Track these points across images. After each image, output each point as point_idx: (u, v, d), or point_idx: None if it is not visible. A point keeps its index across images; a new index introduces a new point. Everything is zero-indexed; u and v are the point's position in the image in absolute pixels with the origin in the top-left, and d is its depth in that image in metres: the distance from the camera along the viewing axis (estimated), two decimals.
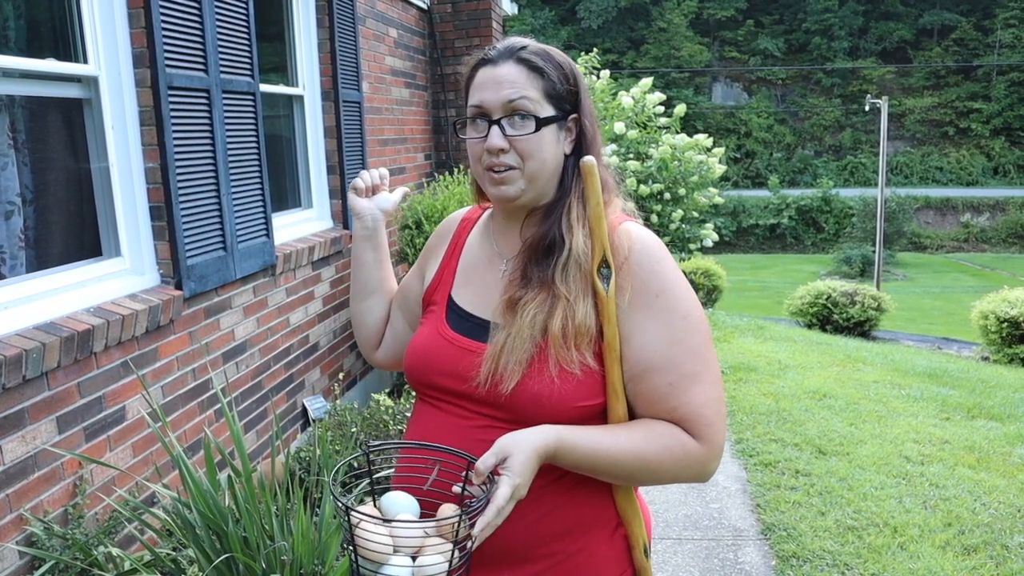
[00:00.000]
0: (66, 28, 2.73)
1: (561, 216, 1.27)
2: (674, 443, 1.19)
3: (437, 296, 1.39)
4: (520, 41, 1.30)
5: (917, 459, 4.25)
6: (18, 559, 2.21)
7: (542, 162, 1.26)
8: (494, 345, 1.22)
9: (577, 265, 1.24)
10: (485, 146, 1.25)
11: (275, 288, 3.81)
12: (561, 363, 1.19)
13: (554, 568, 1.23)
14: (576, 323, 1.20)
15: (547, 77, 1.26)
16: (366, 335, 1.59)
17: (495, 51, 1.28)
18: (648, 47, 52.41)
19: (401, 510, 1.13)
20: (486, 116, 1.26)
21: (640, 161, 7.40)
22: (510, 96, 1.24)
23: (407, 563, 1.06)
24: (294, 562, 2.21)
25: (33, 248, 2.65)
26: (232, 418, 2.51)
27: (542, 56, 1.27)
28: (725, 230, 37.49)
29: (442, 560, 1.05)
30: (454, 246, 1.44)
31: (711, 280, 11.77)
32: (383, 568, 1.05)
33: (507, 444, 1.10)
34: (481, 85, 1.27)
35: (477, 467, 1.08)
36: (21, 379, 2.20)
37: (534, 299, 1.23)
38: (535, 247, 1.27)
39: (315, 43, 4.54)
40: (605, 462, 1.18)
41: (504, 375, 1.19)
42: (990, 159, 47.24)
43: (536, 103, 1.24)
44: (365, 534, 1.05)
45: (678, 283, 1.24)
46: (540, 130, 1.24)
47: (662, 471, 1.20)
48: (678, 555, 3.32)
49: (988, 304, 9.19)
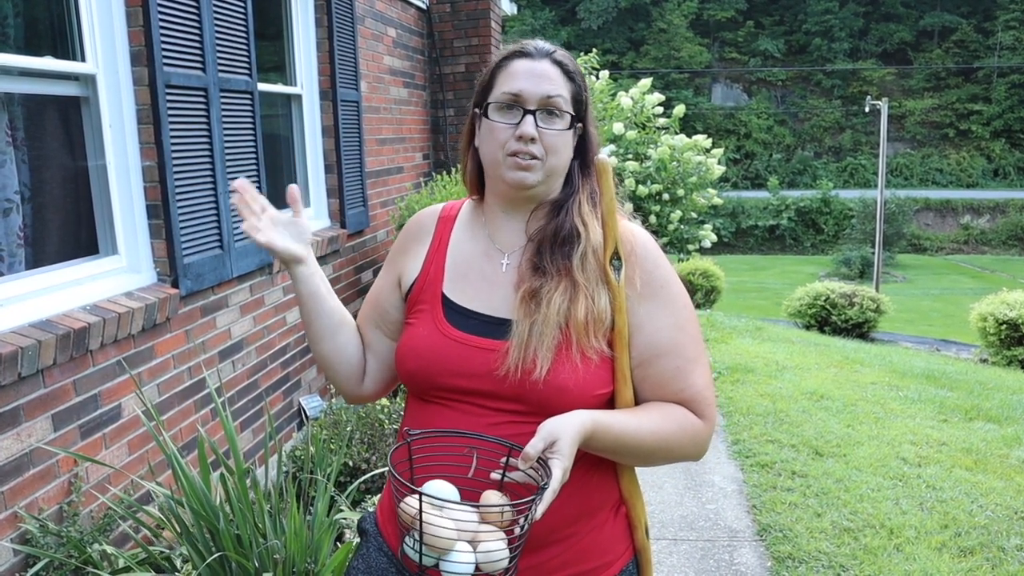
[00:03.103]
0: (64, 26, 2.73)
1: (573, 210, 1.33)
2: (686, 422, 1.29)
3: (426, 295, 1.38)
4: (549, 45, 1.37)
5: (914, 461, 4.25)
6: (12, 557, 2.21)
7: (563, 159, 1.33)
8: (519, 336, 1.24)
9: (594, 256, 1.30)
10: (518, 132, 1.28)
11: (272, 287, 3.81)
12: (583, 349, 1.24)
13: (570, 550, 1.28)
14: (597, 312, 1.26)
15: (576, 83, 1.34)
16: (347, 373, 1.47)
17: (533, 47, 1.34)
18: (648, 48, 52.44)
19: (446, 499, 1.12)
20: (521, 104, 1.29)
21: (639, 161, 7.41)
22: (550, 92, 1.29)
23: (469, 550, 1.06)
24: (287, 560, 2.21)
25: (30, 246, 2.65)
26: (226, 417, 2.52)
27: (571, 63, 1.36)
28: (724, 231, 37.54)
29: (503, 547, 1.07)
30: (438, 243, 1.42)
31: (709, 281, 11.77)
32: (449, 555, 1.06)
33: (554, 428, 1.14)
34: (518, 74, 1.31)
35: (527, 452, 1.10)
36: (16, 376, 2.20)
37: (556, 288, 1.27)
38: (550, 238, 1.32)
39: (313, 42, 4.54)
40: (632, 443, 1.24)
41: (536, 362, 1.22)
42: (990, 161, 47.28)
43: (566, 103, 1.31)
44: (430, 522, 1.04)
45: (675, 276, 1.35)
46: (570, 129, 1.32)
47: (676, 449, 1.29)
48: (673, 556, 3.32)
49: (987, 306, 9.18)
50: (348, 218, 4.72)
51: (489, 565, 1.06)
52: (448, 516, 1.06)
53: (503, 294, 1.32)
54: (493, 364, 1.25)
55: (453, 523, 1.06)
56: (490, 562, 1.06)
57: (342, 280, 4.70)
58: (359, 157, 4.92)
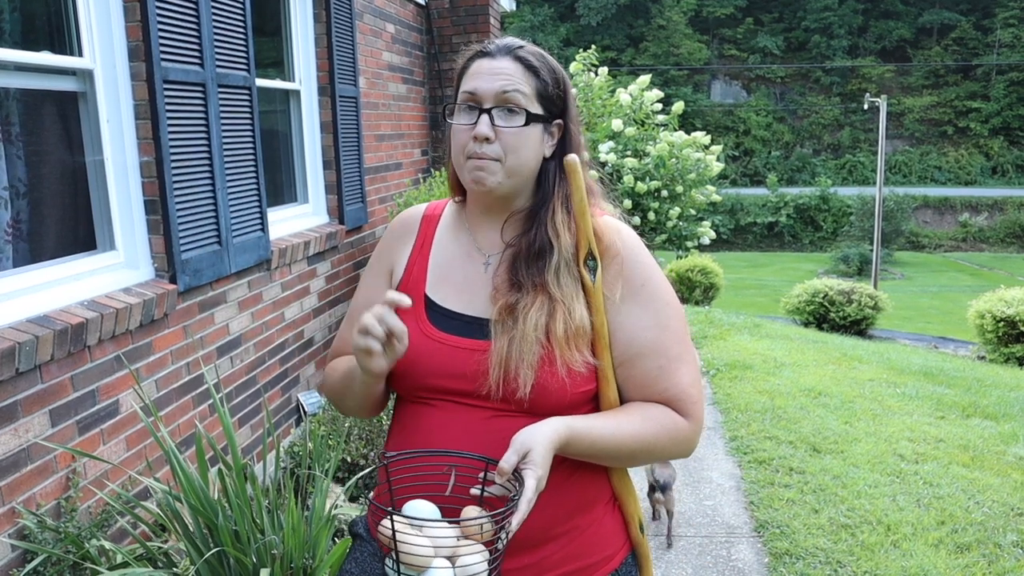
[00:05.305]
0: (61, 21, 2.73)
1: (546, 221, 1.30)
2: (668, 422, 1.27)
3: (410, 296, 1.34)
4: (518, 41, 1.33)
5: (911, 457, 4.26)
6: (10, 552, 2.21)
7: (524, 158, 1.28)
8: (498, 351, 1.22)
9: (567, 266, 1.28)
10: (473, 133, 1.26)
11: (270, 283, 3.81)
12: (568, 363, 1.23)
13: (570, 544, 1.28)
14: (576, 325, 1.24)
15: (540, 77, 1.29)
16: (374, 406, 1.40)
17: (493, 46, 1.31)
18: (647, 44, 52.40)
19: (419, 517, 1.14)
20: (477, 104, 1.27)
21: (638, 158, 7.40)
22: (504, 87, 1.26)
23: (447, 566, 1.07)
24: (284, 556, 2.21)
25: (27, 241, 2.65)
26: (224, 413, 2.51)
27: (538, 57, 1.31)
28: (723, 228, 37.50)
29: (481, 560, 1.08)
30: (421, 243, 1.41)
31: (708, 278, 11.79)
32: (427, 573, 1.07)
33: (525, 439, 1.13)
34: (476, 74, 1.29)
35: (501, 467, 1.11)
36: (14, 372, 2.19)
37: (532, 303, 1.25)
38: (524, 251, 1.29)
39: (312, 38, 4.53)
40: (611, 447, 1.23)
41: (518, 379, 1.21)
42: (989, 159, 47.30)
43: (527, 99, 1.27)
44: (406, 541, 1.06)
45: (658, 272, 1.32)
46: (528, 125, 1.27)
47: (658, 449, 1.28)
48: (671, 551, 3.33)
49: (985, 303, 9.20)
50: (346, 214, 4.71)
51: None
52: (424, 534, 1.08)
53: (485, 295, 1.31)
54: (476, 364, 1.24)
55: (429, 541, 1.07)
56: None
57: (340, 276, 4.70)
58: (357, 153, 4.91)
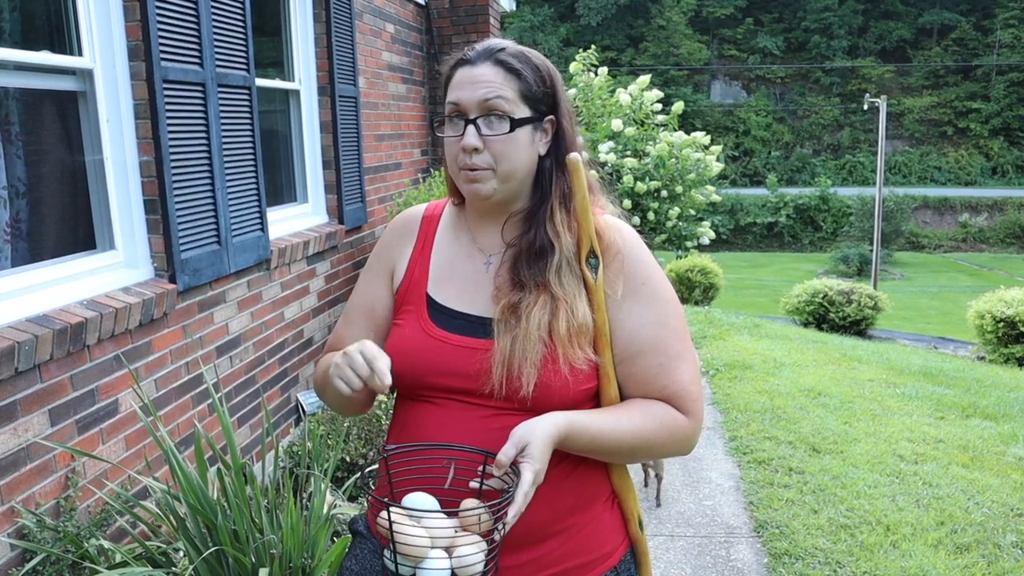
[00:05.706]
0: (61, 21, 2.73)
1: (545, 221, 1.30)
2: (668, 420, 1.28)
3: (412, 295, 1.37)
4: (499, 43, 1.32)
5: (911, 458, 4.25)
6: (9, 551, 2.21)
7: (516, 163, 1.28)
8: (501, 349, 1.23)
9: (568, 266, 1.29)
10: (460, 145, 1.27)
11: (269, 282, 3.81)
12: (571, 361, 1.24)
13: (570, 541, 1.29)
14: (578, 323, 1.25)
15: (523, 78, 1.28)
16: (354, 409, 1.44)
17: (473, 52, 1.30)
18: (647, 44, 52.39)
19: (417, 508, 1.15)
20: (462, 115, 1.28)
21: (637, 158, 7.40)
22: (486, 96, 1.26)
23: (444, 557, 1.09)
24: (283, 555, 2.21)
25: (27, 241, 2.65)
26: (224, 412, 2.51)
27: (519, 58, 1.30)
28: (723, 228, 37.51)
29: (477, 551, 1.09)
30: (423, 243, 1.42)
31: (708, 278, 11.79)
32: (424, 563, 1.08)
33: (524, 433, 1.15)
34: (458, 84, 1.29)
35: (499, 459, 1.12)
36: (13, 371, 2.19)
37: (535, 302, 1.25)
38: (525, 251, 1.30)
39: (312, 38, 4.53)
40: (611, 443, 1.25)
41: (521, 378, 1.22)
42: (988, 159, 47.30)
43: (512, 103, 1.27)
44: (403, 532, 1.07)
45: (658, 270, 1.33)
46: (514, 131, 1.27)
47: (657, 446, 1.29)
48: (670, 552, 3.33)
49: (984, 304, 9.20)
50: (346, 214, 4.71)
51: (464, 570, 1.09)
52: (422, 525, 1.09)
53: (487, 295, 1.31)
54: (479, 363, 1.25)
55: (426, 532, 1.09)
56: (465, 567, 1.08)
57: (339, 276, 4.70)
58: (357, 153, 4.91)
